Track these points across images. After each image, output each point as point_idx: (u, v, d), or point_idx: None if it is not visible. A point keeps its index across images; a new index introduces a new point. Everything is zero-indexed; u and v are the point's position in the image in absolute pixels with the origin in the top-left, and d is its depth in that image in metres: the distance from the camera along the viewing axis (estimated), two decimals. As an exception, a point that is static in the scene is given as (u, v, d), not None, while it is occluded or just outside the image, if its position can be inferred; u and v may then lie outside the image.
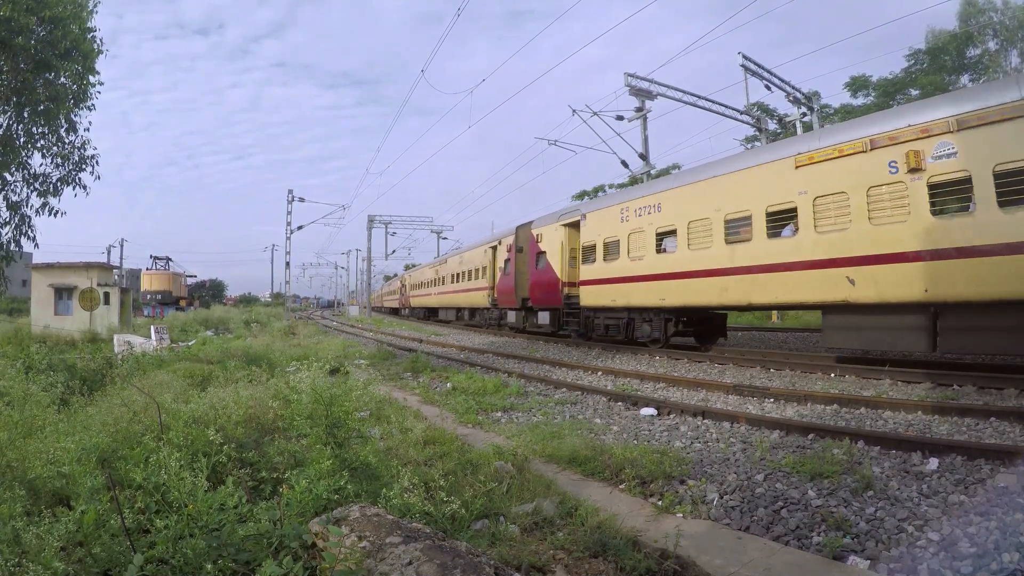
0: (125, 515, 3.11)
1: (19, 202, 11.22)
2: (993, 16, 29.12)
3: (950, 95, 9.81)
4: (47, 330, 20.88)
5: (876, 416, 7.27)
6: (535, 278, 20.87)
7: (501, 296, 24.70)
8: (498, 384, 10.44)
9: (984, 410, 6.89)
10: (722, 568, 3.50)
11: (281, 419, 5.51)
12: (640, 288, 15.07)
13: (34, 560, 2.64)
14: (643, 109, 20.95)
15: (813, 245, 10.77)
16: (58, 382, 6.76)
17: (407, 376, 12.64)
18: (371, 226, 50.32)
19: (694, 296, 13.38)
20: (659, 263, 14.49)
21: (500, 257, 24.97)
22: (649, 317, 15.15)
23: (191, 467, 3.65)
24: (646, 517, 4.37)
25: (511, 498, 4.48)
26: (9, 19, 9.44)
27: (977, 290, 8.46)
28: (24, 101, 10.71)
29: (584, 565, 3.43)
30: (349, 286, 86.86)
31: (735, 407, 8.27)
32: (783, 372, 11.08)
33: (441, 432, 6.43)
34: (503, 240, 24.95)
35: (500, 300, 24.91)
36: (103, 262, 31.13)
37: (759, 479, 5.11)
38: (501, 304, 24.87)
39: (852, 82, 31.08)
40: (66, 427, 4.99)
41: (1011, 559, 3.46)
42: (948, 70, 29.70)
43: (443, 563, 2.39)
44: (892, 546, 3.80)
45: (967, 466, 5.13)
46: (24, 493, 3.51)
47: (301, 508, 3.29)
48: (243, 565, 2.82)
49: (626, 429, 7.37)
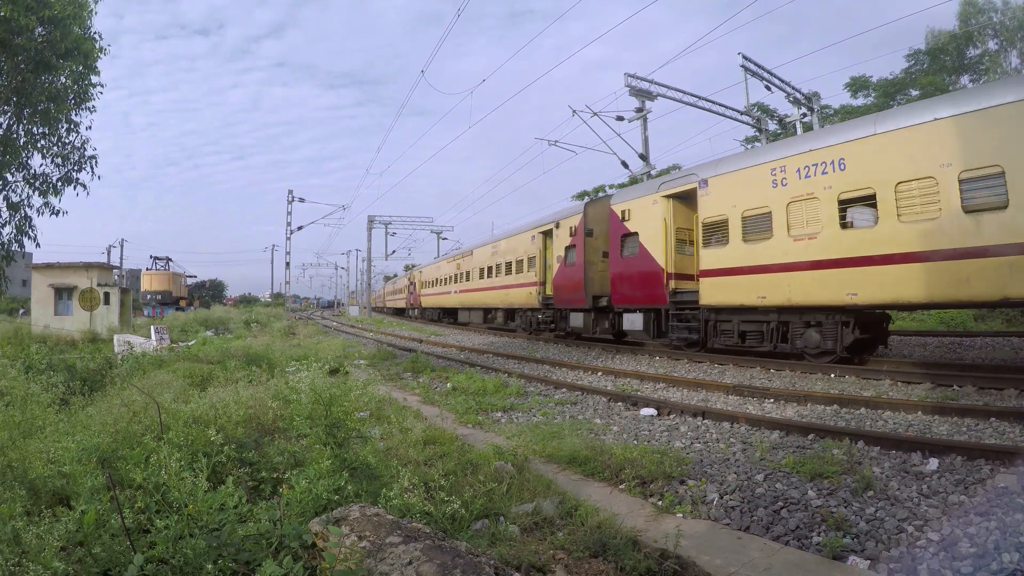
0: (125, 515, 3.11)
1: (19, 202, 11.24)
2: (993, 16, 29.15)
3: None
4: (47, 330, 20.90)
5: (876, 416, 7.27)
6: (619, 269, 16.41)
7: (560, 293, 19.86)
8: (498, 384, 10.45)
9: (984, 410, 6.89)
10: (722, 568, 3.50)
11: (281, 419, 5.52)
12: (809, 279, 10.96)
13: (34, 560, 2.64)
14: (643, 109, 20.93)
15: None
16: (58, 382, 6.76)
17: (407, 376, 12.65)
18: (371, 226, 50.33)
19: (909, 288, 9.50)
20: (845, 242, 10.39)
21: (558, 244, 20.05)
22: (818, 319, 11.18)
23: (191, 467, 3.65)
24: (646, 517, 4.37)
25: (511, 498, 4.49)
26: (9, 19, 9.45)
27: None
28: (24, 101, 10.72)
29: (584, 565, 3.43)
30: (349, 286, 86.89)
31: (735, 407, 8.28)
32: (783, 372, 11.08)
33: (441, 432, 6.43)
34: (562, 222, 20.01)
35: (558, 298, 19.99)
36: (103, 262, 31.17)
37: (759, 479, 5.11)
38: (559, 303, 19.95)
39: (852, 82, 31.09)
40: (66, 427, 4.99)
41: (1011, 559, 3.46)
42: (948, 70, 29.72)
43: (443, 563, 2.39)
44: (892, 546, 3.81)
45: (967, 466, 5.14)
46: (24, 493, 3.52)
47: (301, 508, 3.30)
48: (243, 565, 2.82)
49: (626, 429, 7.38)
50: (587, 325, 18.34)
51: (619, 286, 16.44)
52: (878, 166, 10.00)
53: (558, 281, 19.97)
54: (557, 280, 20.08)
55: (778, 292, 11.54)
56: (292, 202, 37.41)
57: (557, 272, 20.04)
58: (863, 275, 10.07)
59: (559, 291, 19.95)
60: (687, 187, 14.14)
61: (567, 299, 19.38)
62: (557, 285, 20.10)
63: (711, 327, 13.34)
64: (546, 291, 21.29)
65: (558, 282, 19.98)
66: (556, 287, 20.16)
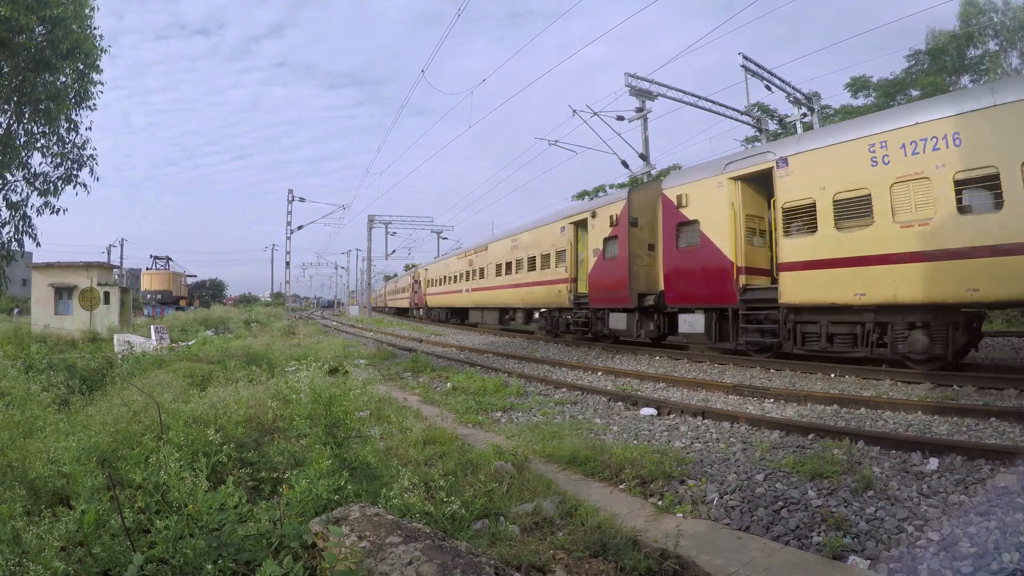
0: (125, 515, 3.11)
1: (19, 202, 11.24)
2: (994, 17, 29.13)
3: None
4: (47, 329, 20.90)
5: (876, 416, 7.27)
6: (675, 263, 14.44)
7: (597, 291, 17.51)
8: (498, 384, 10.45)
9: (984, 410, 6.90)
10: (722, 568, 3.50)
11: (281, 419, 5.52)
12: (917, 273, 9.42)
13: (34, 560, 2.64)
14: (643, 109, 20.93)
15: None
16: (58, 382, 6.76)
17: (407, 376, 12.65)
18: (371, 226, 50.35)
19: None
20: (963, 229, 8.87)
21: (594, 236, 17.75)
22: (926, 320, 9.71)
23: (191, 467, 3.65)
24: (646, 517, 4.37)
25: (511, 498, 4.49)
26: (9, 18, 9.45)
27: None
28: (24, 100, 10.72)
29: (584, 565, 3.43)
30: (349, 286, 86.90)
31: (735, 407, 8.28)
32: (783, 372, 11.08)
33: (441, 432, 6.44)
34: (599, 211, 17.63)
35: (595, 297, 17.62)
36: (103, 262, 31.15)
37: (759, 479, 5.11)
38: (596, 302, 17.65)
39: (852, 82, 31.06)
40: (66, 427, 4.98)
41: (1011, 559, 3.46)
42: (949, 71, 29.70)
43: (443, 563, 2.39)
44: (892, 546, 3.81)
45: (967, 466, 5.14)
46: (24, 493, 3.52)
47: (301, 508, 3.30)
48: (243, 565, 2.82)
49: (626, 429, 7.38)
50: (632, 327, 16.17)
51: (673, 283, 14.48)
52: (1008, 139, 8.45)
53: (595, 277, 17.64)
54: (593, 277, 17.76)
55: (882, 287, 9.91)
56: (292, 202, 37.41)
57: (594, 267, 17.69)
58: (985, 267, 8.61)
59: (595, 289, 17.62)
60: (762, 166, 12.23)
61: (605, 299, 17.18)
62: (593, 282, 17.75)
63: (794, 330, 11.57)
64: (577, 289, 19.15)
65: (594, 279, 17.67)
66: (592, 284, 17.81)
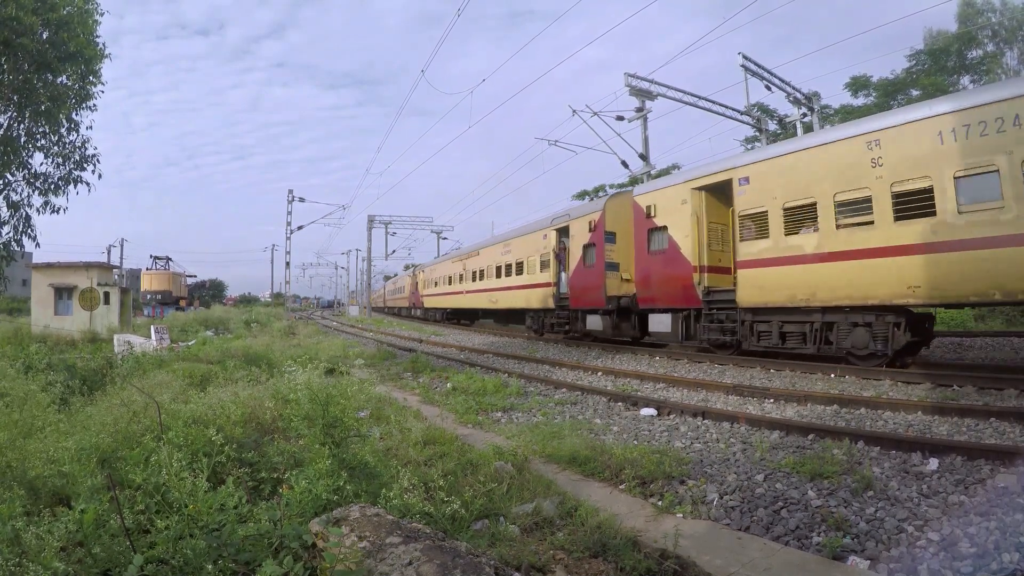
0: (125, 515, 3.11)
1: (20, 201, 11.23)
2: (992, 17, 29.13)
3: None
4: (47, 330, 20.89)
5: (876, 416, 7.27)
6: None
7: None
8: (498, 384, 10.44)
9: (984, 410, 6.90)
10: (722, 568, 3.50)
11: (280, 419, 5.52)
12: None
13: (34, 560, 2.64)
14: (643, 109, 20.91)
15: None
16: (58, 382, 6.76)
17: (407, 376, 12.65)
18: (371, 226, 50.28)
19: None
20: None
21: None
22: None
23: (191, 467, 3.64)
24: (646, 517, 4.37)
25: (511, 498, 4.49)
26: (12, 19, 9.43)
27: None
28: (25, 101, 10.71)
29: (584, 565, 3.43)
30: (349, 286, 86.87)
31: (735, 407, 8.28)
32: (783, 372, 11.08)
33: (441, 432, 6.44)
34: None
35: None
36: (103, 262, 31.16)
37: (759, 479, 5.11)
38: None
39: (853, 82, 31.04)
40: (66, 427, 4.98)
41: (1011, 559, 3.46)
42: (949, 71, 29.70)
43: (443, 563, 2.39)
44: (892, 546, 3.81)
45: (967, 466, 5.14)
46: (24, 493, 3.51)
47: (301, 508, 3.30)
48: (243, 565, 2.82)
49: (626, 429, 7.38)
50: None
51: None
52: None
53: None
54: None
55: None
56: (292, 202, 37.40)
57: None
58: None
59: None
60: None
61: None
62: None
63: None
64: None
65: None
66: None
